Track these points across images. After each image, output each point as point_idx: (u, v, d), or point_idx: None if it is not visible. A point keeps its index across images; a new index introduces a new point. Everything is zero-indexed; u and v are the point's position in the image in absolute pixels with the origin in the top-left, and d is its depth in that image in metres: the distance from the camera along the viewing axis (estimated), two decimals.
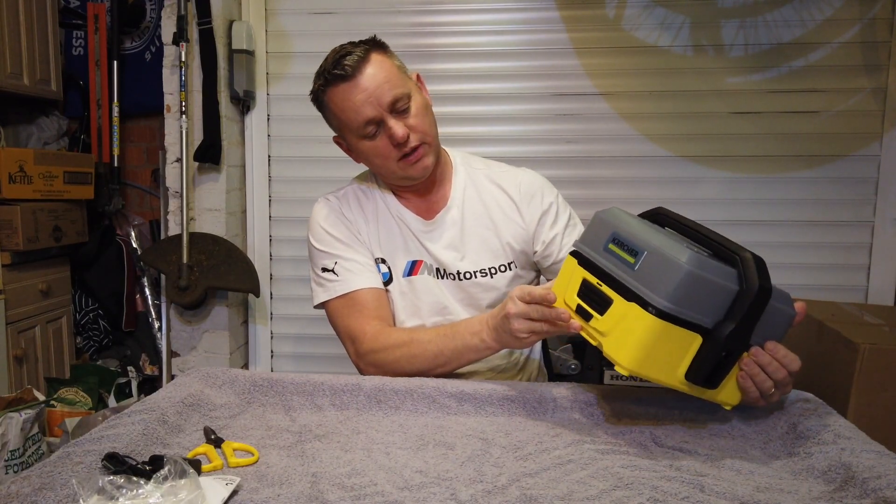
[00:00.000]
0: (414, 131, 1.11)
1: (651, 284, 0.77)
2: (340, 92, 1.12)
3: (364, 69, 1.10)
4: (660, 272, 0.77)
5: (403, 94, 1.11)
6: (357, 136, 1.13)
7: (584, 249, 0.89)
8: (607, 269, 0.84)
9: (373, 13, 2.37)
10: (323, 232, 1.22)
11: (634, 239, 0.82)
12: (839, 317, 1.97)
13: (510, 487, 0.71)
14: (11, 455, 1.84)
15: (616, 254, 0.83)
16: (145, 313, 2.62)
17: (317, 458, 0.78)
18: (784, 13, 2.24)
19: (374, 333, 1.12)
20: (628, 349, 0.79)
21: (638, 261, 0.80)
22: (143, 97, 2.57)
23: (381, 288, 1.19)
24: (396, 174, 1.15)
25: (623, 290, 0.80)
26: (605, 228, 0.87)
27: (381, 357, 1.10)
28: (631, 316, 0.78)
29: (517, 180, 1.26)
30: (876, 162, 2.25)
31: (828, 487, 0.72)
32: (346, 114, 1.12)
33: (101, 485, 0.63)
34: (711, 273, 0.76)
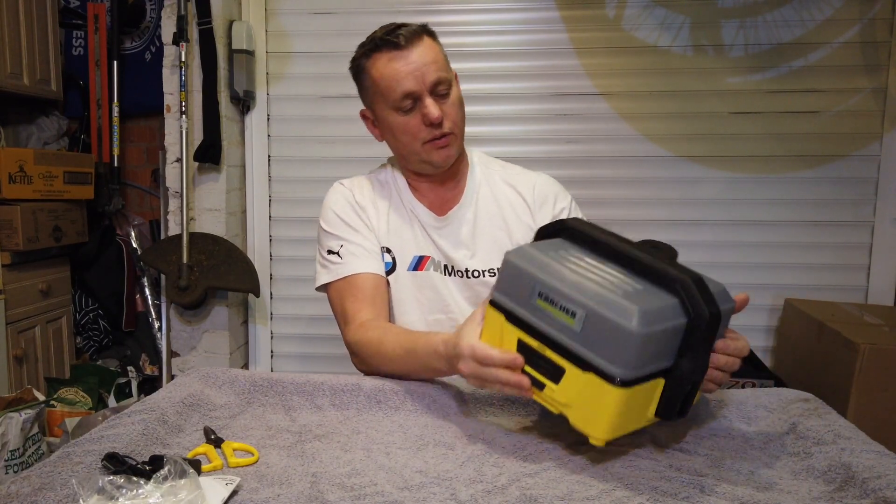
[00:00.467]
0: (447, 118, 1.12)
1: (603, 352, 0.71)
2: (387, 59, 1.12)
3: (416, 44, 1.12)
4: (610, 338, 0.70)
5: (446, 79, 1.13)
6: (391, 107, 1.14)
7: (508, 304, 0.80)
8: (546, 332, 0.75)
9: (373, 13, 2.37)
10: (333, 215, 1.24)
11: (564, 295, 0.73)
12: (839, 317, 1.97)
13: (510, 487, 0.71)
14: (11, 455, 1.84)
15: (549, 312, 0.75)
16: (145, 313, 2.62)
17: (317, 458, 0.78)
18: (784, 13, 2.24)
19: (360, 324, 1.12)
20: (600, 423, 0.73)
21: (579, 323, 0.72)
22: (143, 97, 2.57)
23: (381, 275, 1.19)
24: (419, 156, 1.16)
25: (573, 357, 0.73)
26: (526, 280, 0.77)
27: (360, 350, 1.10)
28: (592, 387, 0.72)
29: (532, 183, 1.26)
30: (876, 162, 2.25)
31: (828, 487, 0.72)
32: (386, 81, 1.12)
33: (101, 485, 0.63)
34: (662, 321, 0.70)
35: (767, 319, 2.35)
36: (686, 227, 2.34)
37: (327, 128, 2.44)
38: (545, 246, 0.81)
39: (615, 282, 0.73)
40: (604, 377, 0.71)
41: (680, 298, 0.72)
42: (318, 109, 2.44)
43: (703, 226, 2.34)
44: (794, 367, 2.13)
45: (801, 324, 2.09)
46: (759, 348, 2.32)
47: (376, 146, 2.39)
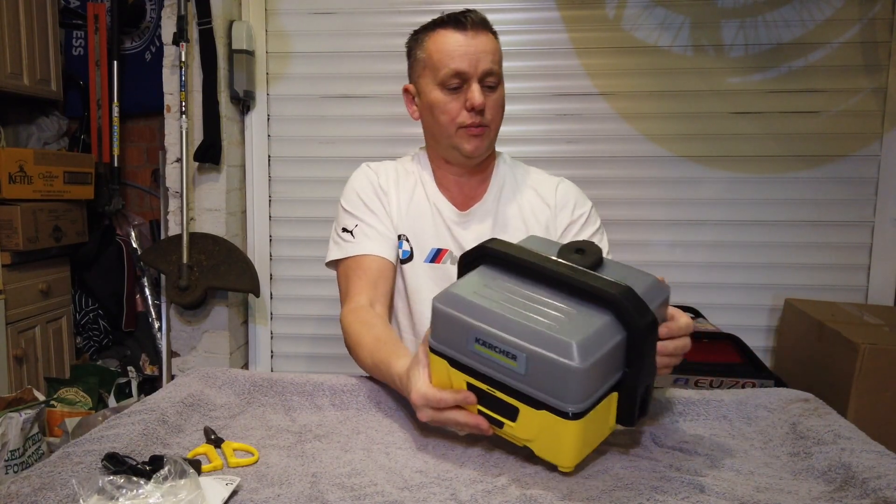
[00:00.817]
0: (488, 110, 1.14)
1: (551, 390, 0.70)
2: (449, 36, 1.13)
3: (479, 31, 1.13)
4: (555, 375, 0.69)
5: (498, 74, 1.14)
6: (436, 82, 1.14)
7: (448, 351, 0.78)
8: (491, 376, 0.74)
9: (373, 13, 2.37)
10: (354, 195, 1.23)
11: (501, 339, 0.72)
12: (839, 317, 1.97)
13: (510, 487, 0.71)
14: (11, 455, 1.84)
15: (490, 356, 0.73)
16: (145, 313, 2.62)
17: (317, 458, 0.78)
18: (784, 13, 2.24)
19: (353, 308, 1.12)
20: (565, 453, 0.73)
21: (521, 365, 0.71)
22: (143, 97, 2.58)
23: (389, 260, 1.19)
24: (451, 140, 1.16)
25: (523, 397, 0.73)
26: (459, 327, 0.75)
27: (344, 335, 1.11)
28: (548, 422, 0.71)
29: (554, 186, 1.27)
30: (876, 162, 2.25)
31: (828, 487, 0.72)
32: (440, 56, 1.13)
33: (101, 485, 0.63)
34: (601, 346, 0.70)
35: (767, 319, 2.35)
36: (686, 226, 2.34)
37: (327, 128, 2.44)
38: (470, 283, 0.78)
39: (548, 312, 0.73)
40: (557, 413, 0.70)
41: (614, 314, 0.72)
42: (318, 109, 2.44)
43: (703, 226, 2.34)
44: (795, 367, 2.13)
45: (801, 324, 2.09)
46: (760, 348, 2.32)
47: (377, 146, 2.41)
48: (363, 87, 2.41)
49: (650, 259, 2.33)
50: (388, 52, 2.38)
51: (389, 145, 2.41)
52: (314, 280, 2.49)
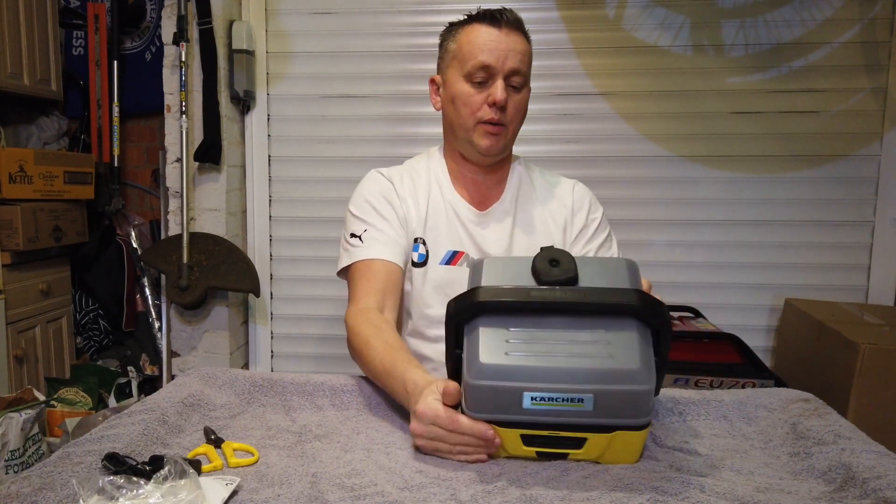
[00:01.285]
0: (509, 109, 1.14)
1: (623, 414, 0.73)
2: (481, 30, 1.14)
3: (513, 30, 1.14)
4: (625, 403, 0.72)
5: (525, 75, 1.15)
6: (463, 74, 1.14)
7: (494, 417, 0.75)
8: (553, 423, 0.74)
9: (373, 13, 2.37)
10: (363, 201, 1.22)
11: (560, 390, 0.72)
12: (839, 317, 1.97)
13: (510, 487, 0.71)
14: (11, 455, 1.84)
15: (549, 408, 0.73)
16: (145, 313, 2.62)
17: (317, 458, 0.78)
18: (784, 13, 2.24)
19: (360, 309, 1.10)
20: (634, 453, 0.78)
21: (588, 404, 0.72)
22: (144, 97, 2.58)
23: (398, 265, 1.18)
24: (468, 135, 1.16)
25: (592, 428, 0.74)
26: (507, 394, 0.73)
27: (350, 338, 1.08)
28: (620, 439, 0.75)
29: (571, 187, 1.28)
30: (876, 162, 2.25)
31: (828, 488, 0.72)
32: (470, 47, 1.13)
33: (101, 485, 0.63)
34: (649, 355, 0.73)
35: (768, 319, 2.35)
36: (686, 226, 2.34)
37: (327, 128, 2.44)
38: (492, 346, 0.75)
39: (589, 344, 0.73)
40: (631, 429, 0.74)
41: (636, 318, 0.75)
42: (319, 109, 2.44)
43: (703, 226, 2.34)
44: (795, 367, 2.13)
45: (801, 324, 2.09)
46: (760, 348, 2.32)
47: (377, 146, 2.41)
48: (363, 86, 2.41)
49: (650, 259, 2.33)
50: (388, 52, 2.38)
51: (389, 145, 2.41)
52: (314, 280, 2.49)
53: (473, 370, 0.74)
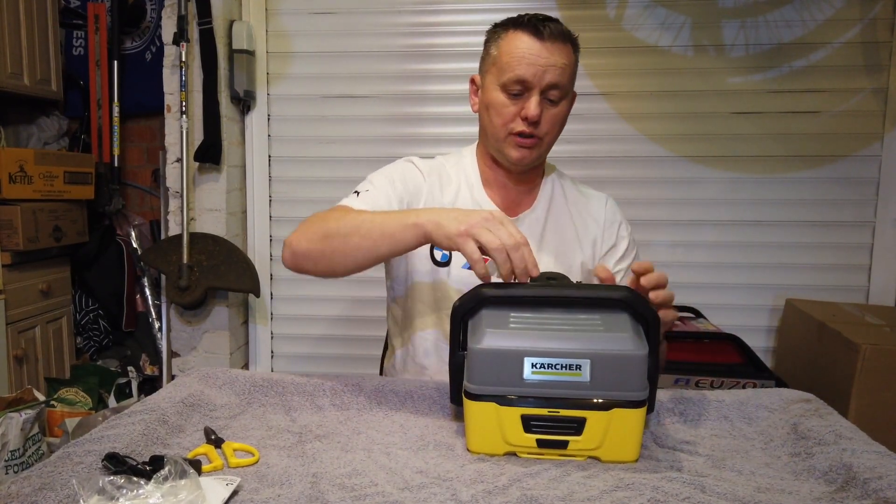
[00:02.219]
0: (543, 123, 1.11)
1: (619, 385, 0.75)
2: (521, 40, 1.09)
3: (555, 42, 1.09)
4: (621, 372, 0.75)
5: (564, 90, 1.11)
6: (498, 83, 1.11)
7: (494, 391, 0.77)
8: (553, 396, 0.76)
9: (373, 13, 2.37)
10: (385, 172, 1.19)
11: (562, 352, 0.75)
12: (840, 317, 1.97)
13: (511, 488, 0.71)
14: (11, 455, 1.84)
15: (549, 378, 0.75)
16: (145, 313, 2.62)
17: (317, 458, 0.78)
18: (785, 13, 2.23)
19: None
20: (633, 445, 0.77)
21: (586, 373, 0.75)
22: (144, 97, 2.57)
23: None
24: (499, 144, 1.13)
25: (590, 405, 0.76)
26: (510, 359, 0.76)
27: (313, 222, 1.04)
28: (619, 420, 0.75)
29: (604, 204, 1.26)
30: (877, 162, 2.25)
31: (829, 488, 0.72)
32: (507, 58, 1.09)
33: (101, 485, 0.62)
34: (642, 336, 0.78)
35: (768, 320, 2.35)
36: (687, 227, 2.34)
37: (328, 128, 2.44)
38: (496, 322, 0.79)
39: (584, 322, 0.79)
40: (628, 405, 0.76)
41: (628, 312, 0.80)
42: (319, 109, 2.44)
43: (703, 226, 2.34)
44: (795, 367, 2.13)
45: (802, 324, 2.09)
46: (760, 348, 2.32)
47: (378, 146, 2.42)
48: (364, 87, 2.41)
49: (651, 259, 2.30)
50: (389, 52, 2.38)
51: (390, 145, 2.41)
52: (314, 280, 2.47)
53: (477, 338, 0.78)
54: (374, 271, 2.56)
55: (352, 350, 2.51)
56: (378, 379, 1.00)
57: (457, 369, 0.82)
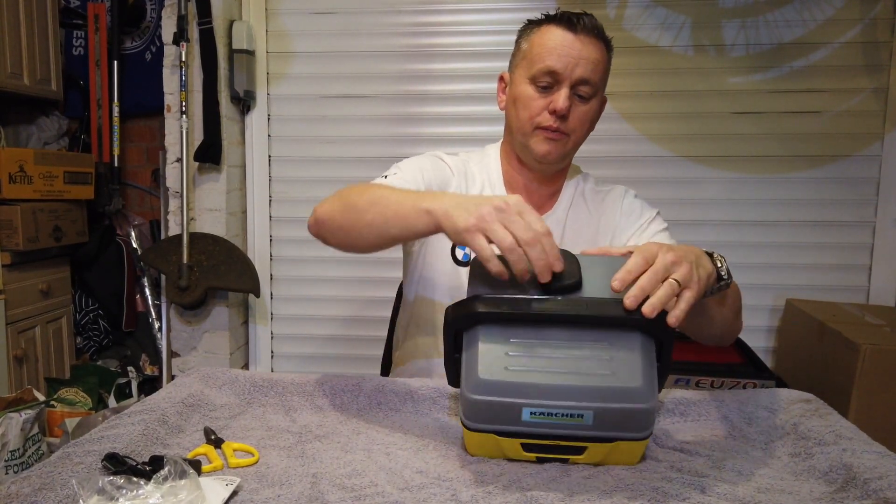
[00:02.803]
0: (571, 118, 1.08)
1: (623, 428, 0.72)
2: (554, 33, 1.07)
3: (588, 37, 1.06)
4: (625, 419, 0.72)
5: (594, 85, 1.08)
6: (527, 75, 1.08)
7: (494, 428, 0.75)
8: (553, 434, 0.73)
9: (373, 13, 2.37)
10: (414, 160, 1.17)
11: (561, 406, 0.71)
12: (840, 317, 1.97)
13: (511, 488, 0.71)
14: (11, 455, 1.84)
15: (548, 422, 0.72)
16: (145, 313, 2.62)
17: (317, 458, 0.78)
18: (785, 13, 2.23)
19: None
20: (635, 457, 0.77)
21: (588, 419, 0.72)
22: (144, 97, 2.57)
23: None
24: (525, 139, 1.10)
25: (591, 439, 0.74)
26: (506, 409, 0.73)
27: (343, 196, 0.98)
28: (621, 447, 0.74)
29: (622, 196, 1.22)
30: (877, 162, 2.25)
31: (829, 488, 0.72)
32: (539, 50, 1.07)
33: (101, 485, 0.62)
34: (652, 371, 0.73)
35: (769, 320, 2.35)
36: (687, 227, 2.34)
37: (328, 128, 2.44)
38: (491, 359, 0.74)
39: (589, 358, 0.73)
40: (631, 440, 0.73)
41: (639, 331, 0.74)
42: (319, 109, 2.44)
43: (704, 226, 2.34)
44: (796, 367, 2.13)
45: (802, 324, 2.08)
46: (761, 348, 2.32)
47: (378, 146, 2.42)
48: (364, 86, 2.41)
49: None
50: (389, 52, 2.38)
51: (390, 145, 2.41)
52: (314, 280, 2.49)
53: (472, 384, 0.73)
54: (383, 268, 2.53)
55: (352, 350, 2.51)
56: (378, 379, 1.00)
57: (453, 373, 0.80)
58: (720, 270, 0.84)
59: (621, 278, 0.73)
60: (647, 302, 0.72)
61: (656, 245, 0.77)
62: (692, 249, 0.81)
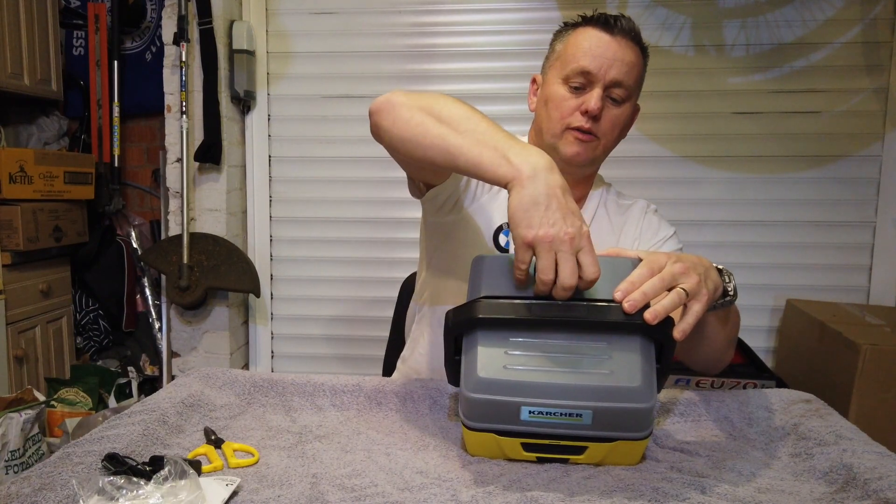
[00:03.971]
0: (604, 121, 1.06)
1: (622, 428, 0.72)
2: (591, 34, 1.05)
3: (624, 39, 1.04)
4: (625, 419, 0.71)
5: (628, 88, 1.06)
6: (560, 76, 1.07)
7: (493, 427, 0.75)
8: (552, 433, 0.73)
9: (373, 13, 2.37)
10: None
11: (560, 405, 0.71)
12: (841, 317, 1.97)
13: (511, 489, 0.71)
14: (11, 455, 1.84)
15: (548, 421, 0.72)
16: (146, 314, 2.62)
17: (317, 458, 0.78)
18: (785, 13, 2.23)
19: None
20: (635, 457, 0.77)
21: (587, 419, 0.71)
22: (144, 97, 2.57)
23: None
24: (555, 139, 1.08)
25: (591, 438, 0.73)
26: (505, 408, 0.73)
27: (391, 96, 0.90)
28: (620, 447, 0.74)
29: (643, 211, 1.22)
30: (877, 162, 2.25)
31: (829, 488, 0.71)
32: (573, 50, 1.05)
33: (101, 485, 0.62)
34: (652, 371, 0.72)
35: (769, 320, 2.35)
36: (687, 227, 2.34)
37: (328, 128, 2.44)
38: (491, 359, 0.73)
39: (589, 358, 0.72)
40: (631, 440, 0.73)
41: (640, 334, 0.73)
42: (319, 109, 2.44)
43: (704, 226, 2.34)
44: (796, 367, 2.13)
45: (802, 324, 2.08)
46: (761, 349, 2.32)
47: (377, 147, 2.40)
48: (364, 87, 2.41)
49: None
50: (389, 52, 2.38)
51: None
52: (315, 280, 2.49)
53: (471, 383, 0.73)
54: (383, 268, 2.52)
55: (352, 350, 2.51)
56: (378, 379, 1.00)
57: (454, 374, 0.80)
58: (727, 286, 0.84)
59: (624, 289, 0.72)
60: (651, 308, 0.71)
61: (665, 255, 0.76)
62: (701, 261, 0.80)
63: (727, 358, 1.02)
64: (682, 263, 0.75)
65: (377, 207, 2.42)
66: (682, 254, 0.81)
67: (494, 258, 0.81)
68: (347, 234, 2.46)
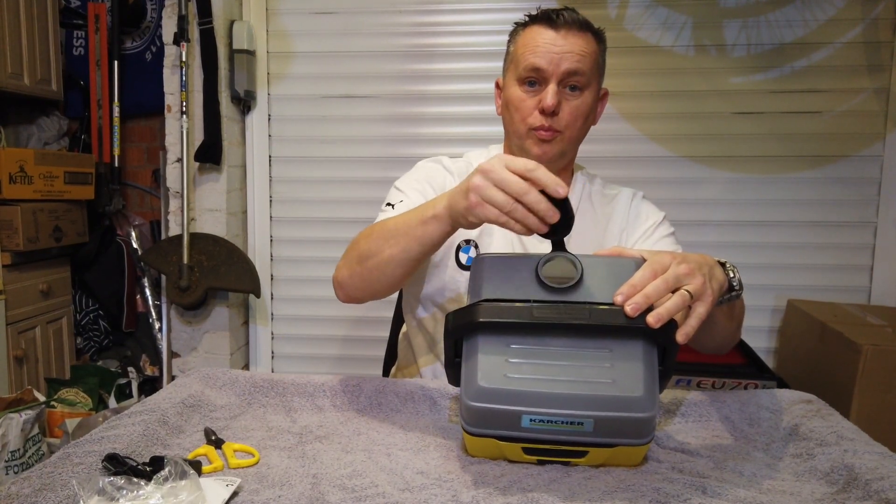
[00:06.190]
0: (563, 114, 1.06)
1: (624, 435, 0.72)
2: (536, 32, 1.06)
3: (571, 30, 1.05)
4: (626, 427, 0.71)
5: (585, 75, 1.06)
6: (515, 76, 1.09)
7: (494, 433, 0.74)
8: (553, 440, 0.73)
9: (373, 13, 2.37)
10: (413, 179, 1.17)
11: (560, 414, 0.71)
12: (842, 318, 1.97)
13: (512, 489, 0.70)
14: (11, 456, 1.84)
15: (548, 429, 0.72)
16: (146, 314, 2.62)
17: (318, 459, 0.78)
18: (786, 13, 2.23)
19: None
20: (637, 459, 0.76)
21: (588, 426, 0.71)
22: (144, 97, 2.57)
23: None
24: (521, 141, 1.10)
25: (592, 444, 0.73)
26: (505, 417, 0.72)
27: (357, 241, 1.00)
28: (622, 452, 0.74)
29: (630, 200, 1.20)
30: (879, 162, 2.25)
31: (830, 489, 0.71)
32: (523, 50, 1.07)
33: (101, 486, 0.62)
34: (654, 378, 0.72)
35: (770, 320, 2.35)
36: (688, 227, 2.34)
37: (328, 128, 2.44)
38: (492, 366, 0.73)
39: (590, 365, 0.71)
40: (632, 446, 0.73)
41: (642, 338, 0.72)
42: (319, 109, 2.44)
43: (705, 226, 2.34)
44: (797, 368, 2.13)
45: (803, 325, 2.08)
46: (762, 349, 2.32)
47: (379, 146, 2.41)
48: (364, 87, 2.41)
49: None
50: (389, 52, 2.38)
51: (390, 145, 2.41)
52: (315, 281, 2.49)
53: (472, 392, 0.73)
54: None
55: (352, 350, 2.51)
56: (378, 380, 1.00)
57: (454, 377, 0.79)
58: (732, 281, 0.84)
59: (625, 293, 0.71)
60: (654, 311, 0.70)
61: (669, 255, 0.75)
62: (706, 260, 0.79)
63: (736, 338, 1.04)
64: (687, 264, 0.74)
65: (377, 208, 2.41)
66: (686, 253, 0.80)
67: (495, 258, 0.80)
68: (348, 234, 2.44)
